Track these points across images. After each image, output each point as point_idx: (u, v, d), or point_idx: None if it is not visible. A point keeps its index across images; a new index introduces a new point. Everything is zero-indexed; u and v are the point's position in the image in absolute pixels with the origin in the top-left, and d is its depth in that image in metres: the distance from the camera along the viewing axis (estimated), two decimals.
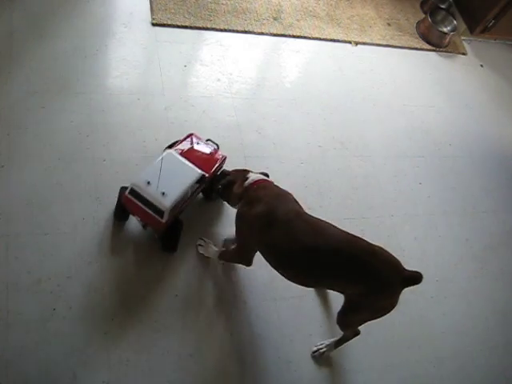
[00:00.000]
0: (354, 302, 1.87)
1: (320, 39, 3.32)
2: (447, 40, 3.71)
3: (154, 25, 2.90)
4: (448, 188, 3.00)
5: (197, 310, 2.12)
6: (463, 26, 3.85)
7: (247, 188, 2.02)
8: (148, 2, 2.98)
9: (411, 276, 1.76)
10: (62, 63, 2.56)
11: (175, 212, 2.07)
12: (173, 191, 1.99)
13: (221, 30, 3.06)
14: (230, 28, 3.09)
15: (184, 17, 3.01)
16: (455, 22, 3.79)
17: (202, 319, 2.11)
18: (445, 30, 3.77)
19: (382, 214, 2.72)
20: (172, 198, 1.98)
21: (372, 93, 3.22)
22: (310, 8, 3.45)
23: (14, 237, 2.03)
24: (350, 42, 3.41)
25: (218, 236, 2.31)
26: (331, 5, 3.55)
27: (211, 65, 2.89)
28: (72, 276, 2.02)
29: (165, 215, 1.99)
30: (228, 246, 2.27)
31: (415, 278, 1.76)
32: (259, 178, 2.06)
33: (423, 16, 3.79)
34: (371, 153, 2.94)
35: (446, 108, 3.41)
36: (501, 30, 3.78)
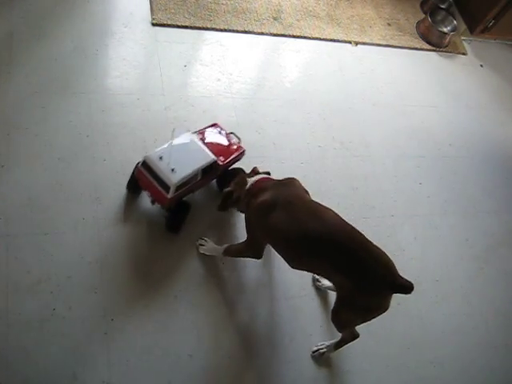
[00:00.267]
0: (344, 298, 1.88)
1: (320, 39, 3.32)
2: (447, 40, 3.71)
3: (153, 25, 2.90)
4: (448, 188, 3.00)
5: (196, 310, 2.12)
6: (463, 26, 3.84)
7: (249, 189, 2.06)
8: (148, 2, 2.98)
9: (402, 284, 1.75)
10: (62, 63, 2.56)
11: (182, 191, 2.12)
12: (182, 169, 2.07)
13: (221, 30, 3.06)
14: (229, 28, 3.09)
15: (184, 17, 3.01)
16: (455, 21, 3.79)
17: (202, 319, 2.11)
18: (445, 29, 3.76)
19: (382, 214, 2.72)
20: (180, 175, 2.06)
21: (372, 93, 3.22)
22: (310, 8, 3.45)
23: (14, 237, 2.03)
24: (350, 42, 3.41)
25: (219, 236, 2.31)
26: (331, 5, 3.55)
27: (211, 65, 2.89)
28: (72, 276, 2.02)
29: (171, 191, 2.05)
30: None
31: (406, 287, 1.75)
32: (259, 178, 2.09)
33: (423, 16, 3.79)
34: (371, 153, 2.94)
35: (446, 108, 3.41)
36: (501, 30, 3.78)
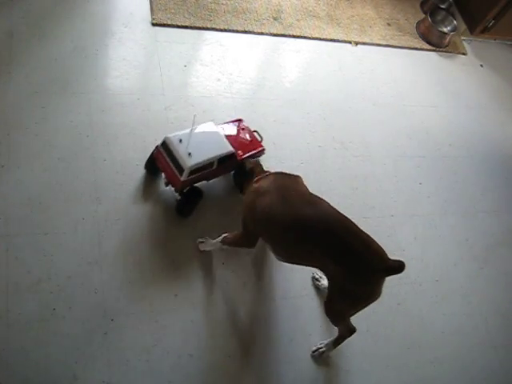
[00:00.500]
0: (337, 286, 1.89)
1: (320, 39, 3.32)
2: (447, 40, 3.71)
3: (153, 25, 2.90)
4: (448, 188, 3.00)
5: (196, 310, 2.12)
6: (463, 26, 3.84)
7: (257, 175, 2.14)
8: (148, 2, 2.98)
9: (393, 266, 1.78)
10: (62, 63, 2.56)
11: (196, 176, 2.17)
12: (199, 155, 2.13)
13: (221, 30, 3.06)
14: (229, 28, 3.09)
15: (184, 17, 3.01)
16: (455, 21, 3.79)
17: (202, 319, 2.11)
18: (445, 29, 3.76)
19: (382, 214, 2.72)
20: (196, 160, 2.11)
21: (372, 93, 3.22)
22: (310, 8, 3.45)
23: (14, 237, 2.03)
24: (350, 42, 3.41)
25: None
26: (331, 5, 3.55)
27: (211, 65, 2.89)
28: (72, 276, 2.02)
29: (184, 173, 2.10)
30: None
31: (397, 267, 1.77)
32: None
33: (423, 16, 3.79)
34: (371, 153, 2.94)
35: (446, 108, 3.41)
36: (501, 30, 3.77)
